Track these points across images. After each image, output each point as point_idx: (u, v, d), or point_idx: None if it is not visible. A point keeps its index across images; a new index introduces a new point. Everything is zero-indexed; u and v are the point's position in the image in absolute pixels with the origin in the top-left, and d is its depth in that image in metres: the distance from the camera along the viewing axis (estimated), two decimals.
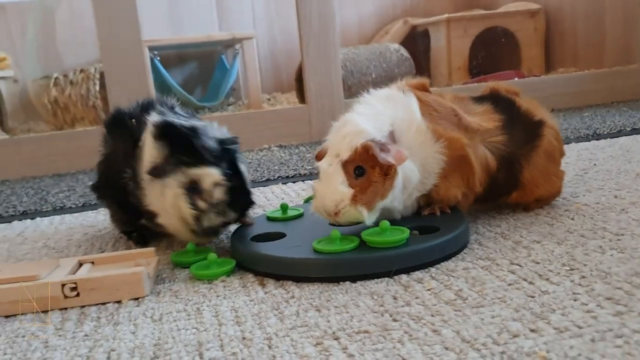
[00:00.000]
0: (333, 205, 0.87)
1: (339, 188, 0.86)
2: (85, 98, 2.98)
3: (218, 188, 0.93)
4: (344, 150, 0.87)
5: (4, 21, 3.38)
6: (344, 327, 0.69)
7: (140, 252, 0.97)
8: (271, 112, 2.44)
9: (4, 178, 2.20)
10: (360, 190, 0.86)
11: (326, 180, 0.88)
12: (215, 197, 0.93)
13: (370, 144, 0.86)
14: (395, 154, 0.86)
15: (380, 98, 0.97)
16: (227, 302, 0.81)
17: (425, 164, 0.93)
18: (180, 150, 0.94)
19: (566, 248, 0.88)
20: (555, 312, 0.67)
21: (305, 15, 2.29)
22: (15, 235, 1.33)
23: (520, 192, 1.06)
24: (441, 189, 0.96)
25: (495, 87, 1.12)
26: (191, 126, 0.96)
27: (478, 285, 0.78)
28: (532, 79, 2.75)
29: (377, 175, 0.87)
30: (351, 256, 0.84)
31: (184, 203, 0.94)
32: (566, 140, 1.82)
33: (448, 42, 3.16)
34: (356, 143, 0.86)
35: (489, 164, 1.00)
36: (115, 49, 2.23)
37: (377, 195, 0.87)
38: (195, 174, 0.93)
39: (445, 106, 0.99)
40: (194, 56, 3.67)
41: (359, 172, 0.87)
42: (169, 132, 0.95)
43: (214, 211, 0.94)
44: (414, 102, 0.96)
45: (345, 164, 0.87)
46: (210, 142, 0.95)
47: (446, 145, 0.93)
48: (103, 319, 0.80)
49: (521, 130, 1.04)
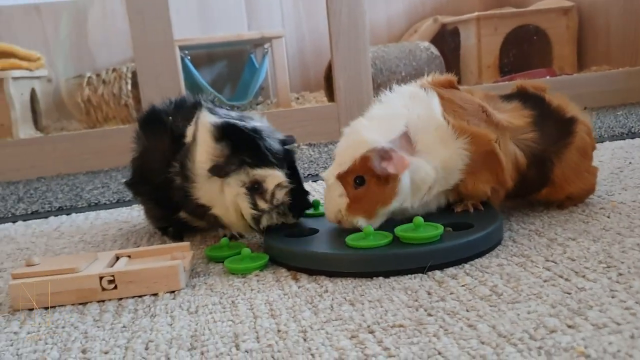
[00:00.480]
0: (333, 215, 0.92)
1: (336, 200, 0.91)
2: (117, 97, 3.03)
3: (281, 190, 0.95)
4: (345, 162, 0.90)
5: (39, 21, 3.45)
6: (378, 321, 0.70)
7: (176, 246, 0.98)
8: (300, 110, 2.44)
9: (40, 175, 2.25)
10: (355, 200, 0.90)
11: (328, 190, 0.93)
12: (278, 198, 0.95)
13: (369, 156, 0.88)
14: (397, 162, 0.88)
15: (402, 96, 0.98)
16: (261, 295, 0.82)
17: (448, 160, 0.93)
18: (243, 150, 0.96)
19: (602, 245, 0.87)
20: (593, 309, 0.67)
21: (335, 11, 2.29)
22: (52, 230, 1.36)
23: (550, 188, 1.05)
24: (468, 184, 0.96)
25: (523, 85, 1.11)
26: (253, 128, 0.98)
27: (513, 281, 0.77)
28: (565, 77, 2.71)
29: (375, 184, 0.89)
30: (384, 252, 0.85)
31: (245, 202, 0.96)
32: (600, 138, 1.79)
33: (478, 40, 3.13)
34: (357, 154, 0.89)
35: (519, 161, 0.99)
36: (147, 48, 2.26)
37: (377, 202, 0.90)
38: (259, 174, 0.95)
39: (472, 103, 0.99)
40: (224, 55, 3.70)
41: (359, 181, 0.89)
42: (232, 132, 0.97)
43: (275, 212, 0.96)
44: (435, 99, 0.96)
45: (345, 174, 0.90)
46: (274, 144, 0.97)
47: (470, 140, 0.93)
48: (140, 310, 0.81)
49: (552, 127, 1.03)
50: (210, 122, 0.99)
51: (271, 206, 0.95)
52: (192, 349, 0.68)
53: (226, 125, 0.98)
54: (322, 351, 0.64)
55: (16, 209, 1.61)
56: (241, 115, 1.05)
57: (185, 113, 1.06)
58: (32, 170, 2.25)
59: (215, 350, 0.67)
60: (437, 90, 0.98)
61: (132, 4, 2.21)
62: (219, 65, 3.72)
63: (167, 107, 1.13)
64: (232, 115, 1.03)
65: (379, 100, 0.99)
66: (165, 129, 1.07)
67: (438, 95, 0.97)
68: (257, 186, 0.95)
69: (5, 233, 1.38)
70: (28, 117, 3.04)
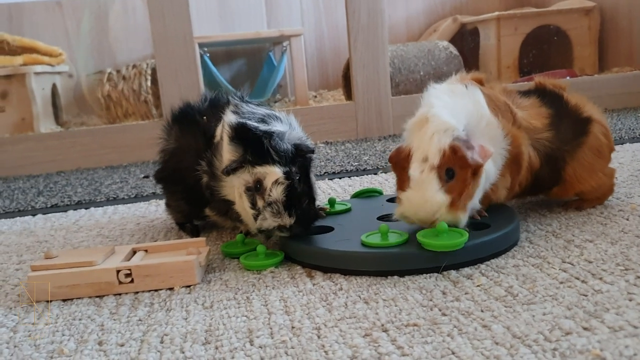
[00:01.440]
0: (430, 214, 0.84)
1: (436, 197, 0.83)
2: (137, 93, 3.05)
3: (277, 186, 0.91)
4: (433, 153, 0.83)
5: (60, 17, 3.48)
6: (392, 320, 0.70)
7: (192, 241, 0.99)
8: (318, 108, 2.44)
9: (60, 169, 2.27)
10: (457, 195, 0.83)
11: (419, 188, 0.84)
12: (272, 195, 0.91)
13: (458, 145, 0.82)
14: (481, 151, 0.83)
15: (446, 91, 0.93)
16: (276, 292, 0.82)
17: (494, 159, 0.90)
18: (252, 150, 0.93)
19: (620, 248, 0.86)
20: (610, 311, 0.66)
21: (354, 10, 2.29)
22: (70, 224, 1.38)
23: (561, 187, 1.04)
24: (499, 187, 0.93)
25: (542, 82, 1.09)
26: (267, 130, 0.95)
27: (529, 282, 0.77)
28: (586, 78, 2.68)
29: (468, 176, 0.83)
30: (400, 251, 0.84)
31: (246, 202, 0.94)
32: (621, 140, 1.77)
33: (498, 41, 3.10)
34: (444, 144, 0.83)
35: (532, 162, 0.97)
36: (167, 45, 2.28)
37: (469, 196, 0.84)
38: (260, 172, 0.92)
39: (501, 101, 0.97)
40: (243, 53, 3.71)
41: (450, 174, 0.83)
42: (243, 133, 0.95)
43: (269, 211, 0.91)
44: (480, 95, 0.93)
45: (438, 168, 0.83)
46: (281, 143, 0.93)
47: (510, 142, 0.91)
48: (156, 304, 0.82)
49: (568, 126, 1.02)
50: (229, 122, 0.98)
51: (265, 204, 0.91)
52: (206, 344, 0.68)
53: (238, 126, 0.97)
54: (335, 348, 0.64)
55: (36, 202, 1.63)
56: (267, 113, 1.02)
57: (218, 112, 1.05)
58: (52, 164, 2.28)
59: (230, 345, 0.67)
60: (477, 86, 0.95)
61: (152, 1, 2.23)
62: (238, 62, 3.73)
63: (201, 106, 1.13)
64: (256, 114, 1.01)
65: (428, 94, 0.93)
66: (200, 128, 1.07)
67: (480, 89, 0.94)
68: (259, 185, 0.92)
69: (25, 226, 1.39)
70: (49, 112, 3.07)
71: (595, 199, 1.08)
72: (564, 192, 1.05)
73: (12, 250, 1.17)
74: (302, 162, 0.95)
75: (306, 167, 0.96)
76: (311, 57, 3.73)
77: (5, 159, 2.27)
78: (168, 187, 1.21)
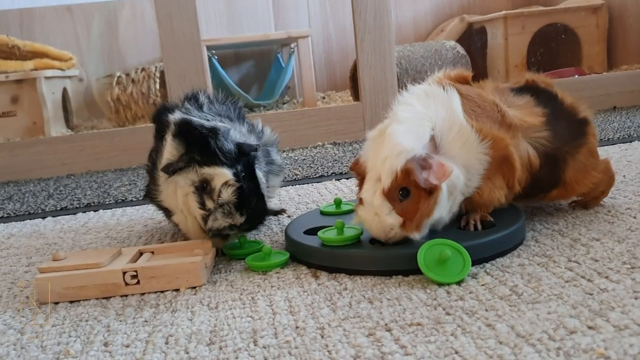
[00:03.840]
0: (383, 234, 0.85)
1: (387, 221, 0.83)
2: (146, 96, 3.07)
3: (227, 188, 0.91)
4: (385, 176, 0.83)
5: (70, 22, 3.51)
6: (396, 319, 0.70)
7: (199, 242, 0.99)
8: (325, 109, 2.45)
9: (70, 172, 2.29)
10: (408, 217, 0.83)
11: (371, 210, 0.85)
12: (223, 197, 0.91)
13: (411, 168, 0.81)
14: (438, 171, 0.81)
15: (420, 96, 0.92)
16: (281, 292, 0.83)
17: (469, 165, 0.88)
18: (196, 149, 0.93)
19: (627, 246, 0.86)
20: (615, 310, 0.66)
21: (361, 10, 2.29)
22: (79, 226, 1.39)
23: (560, 189, 1.01)
24: (484, 191, 0.90)
25: (533, 79, 1.07)
26: (211, 127, 0.94)
27: (534, 281, 0.77)
28: (594, 76, 2.67)
29: (422, 196, 0.83)
30: (404, 251, 0.84)
31: (193, 202, 0.93)
32: (629, 138, 1.76)
33: (505, 39, 3.09)
34: (396, 167, 0.82)
35: (532, 162, 0.95)
36: (175, 48, 2.29)
37: (424, 215, 0.83)
38: (207, 172, 0.92)
39: (487, 100, 0.95)
40: (251, 55, 3.72)
41: (404, 193, 0.83)
42: (187, 130, 0.94)
43: (220, 212, 0.91)
44: (455, 98, 0.91)
45: (389, 191, 0.83)
46: (226, 144, 0.93)
47: (491, 144, 0.88)
48: (162, 305, 0.82)
49: (565, 126, 1.00)
50: (172, 120, 0.96)
51: (216, 205, 0.91)
52: (210, 344, 0.69)
53: (182, 121, 0.95)
54: (338, 348, 0.64)
55: (46, 205, 1.64)
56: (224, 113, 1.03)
57: None
58: (63, 167, 2.30)
59: (234, 346, 0.67)
60: (455, 87, 0.93)
61: (160, 5, 2.24)
62: (246, 64, 3.74)
63: (175, 104, 1.10)
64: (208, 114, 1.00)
65: (398, 101, 0.93)
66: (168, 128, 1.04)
67: (457, 92, 0.92)
68: (206, 185, 0.92)
69: (34, 228, 1.41)
70: (60, 116, 3.10)
71: (600, 195, 1.07)
72: (564, 194, 1.03)
73: (22, 253, 1.18)
74: (246, 160, 0.95)
75: (251, 164, 0.96)
76: (319, 59, 3.74)
77: (16, 163, 2.29)
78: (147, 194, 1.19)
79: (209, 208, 0.92)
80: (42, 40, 3.34)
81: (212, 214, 0.92)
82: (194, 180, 0.93)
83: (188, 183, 0.94)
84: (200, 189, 0.93)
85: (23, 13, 3.46)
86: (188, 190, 0.94)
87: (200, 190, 0.93)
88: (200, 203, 0.93)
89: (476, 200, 0.92)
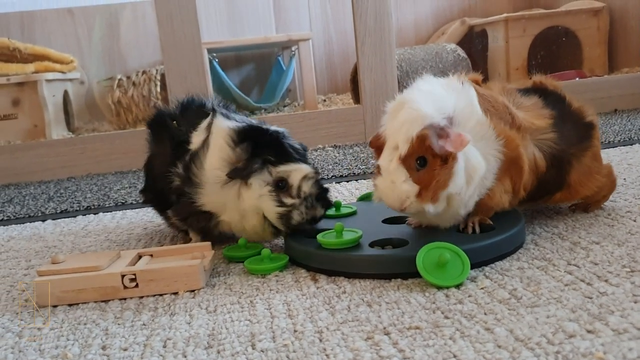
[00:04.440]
0: (398, 203, 0.84)
1: (403, 187, 0.82)
2: (146, 99, 3.07)
3: (308, 181, 0.95)
4: (402, 143, 0.82)
5: (72, 25, 3.52)
6: (394, 323, 0.69)
7: (197, 246, 0.99)
8: (326, 112, 2.45)
9: (70, 175, 2.29)
10: (424, 185, 0.82)
11: (388, 177, 0.84)
12: (305, 191, 0.95)
13: (427, 133, 0.81)
14: (455, 139, 0.80)
15: (441, 83, 0.91)
16: (279, 296, 0.82)
17: (487, 162, 0.87)
18: (266, 151, 0.96)
19: (627, 250, 0.85)
20: (614, 314, 0.65)
21: (361, 13, 2.29)
22: (79, 229, 1.38)
23: (564, 192, 1.01)
24: (496, 193, 0.89)
25: (542, 80, 1.07)
26: (275, 130, 1.00)
27: (533, 285, 0.76)
28: (596, 79, 2.66)
29: (438, 165, 0.82)
30: (403, 254, 0.84)
31: (270, 202, 0.95)
32: (630, 141, 1.76)
33: (506, 42, 3.09)
34: (412, 133, 0.81)
35: (538, 164, 0.94)
36: (176, 51, 2.29)
37: (440, 185, 0.82)
38: (283, 171, 0.95)
39: (499, 102, 0.95)
40: (251, 58, 3.72)
41: (422, 162, 0.82)
42: (254, 134, 0.98)
43: (304, 205, 0.95)
44: (473, 94, 0.90)
45: (406, 158, 0.82)
46: (296, 143, 0.99)
47: (504, 144, 0.87)
48: (160, 309, 0.82)
49: (572, 129, 1.00)
50: (228, 127, 0.99)
51: (299, 200, 0.95)
52: (208, 348, 0.68)
53: (248, 127, 0.99)
54: (337, 352, 0.64)
55: (46, 208, 1.64)
56: (260, 122, 1.06)
57: (191, 116, 1.06)
58: (63, 170, 2.30)
59: (232, 349, 0.67)
60: (473, 85, 0.93)
61: (161, 8, 2.25)
62: (247, 67, 3.74)
63: (173, 111, 1.12)
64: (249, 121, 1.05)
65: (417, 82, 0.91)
66: (169, 134, 1.07)
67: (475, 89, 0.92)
68: (282, 184, 0.95)
69: (35, 231, 1.41)
70: (61, 119, 3.10)
71: (601, 199, 1.07)
72: (568, 197, 1.03)
73: (21, 256, 1.18)
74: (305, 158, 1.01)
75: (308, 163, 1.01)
76: (320, 62, 3.74)
77: (17, 165, 2.29)
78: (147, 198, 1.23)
79: (290, 204, 0.94)
80: (43, 42, 3.35)
81: (296, 208, 0.95)
82: (267, 180, 0.96)
83: (262, 185, 0.96)
84: (276, 187, 0.95)
85: (24, 16, 3.46)
86: (262, 191, 0.96)
87: (277, 189, 0.95)
88: (278, 201, 0.95)
89: (485, 202, 0.90)
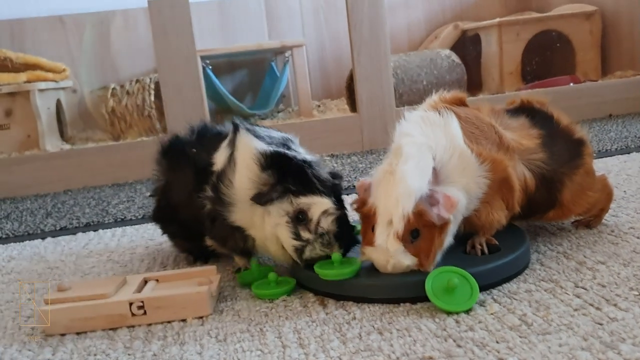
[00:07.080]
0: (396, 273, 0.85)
1: (403, 262, 0.84)
2: (140, 108, 3.06)
3: (327, 217, 0.89)
4: (398, 220, 0.82)
5: (63, 33, 3.50)
6: (407, 352, 0.70)
7: (203, 270, 0.99)
8: (323, 121, 2.45)
9: (67, 188, 2.28)
10: (424, 254, 0.83)
11: (385, 253, 0.84)
12: (323, 227, 0.89)
13: (423, 209, 0.82)
14: (446, 203, 0.82)
15: (418, 124, 0.91)
16: (289, 323, 0.82)
17: (468, 189, 0.88)
18: (290, 179, 0.91)
19: (633, 270, 0.86)
20: (626, 342, 0.66)
21: (356, 24, 2.30)
22: (80, 248, 1.38)
23: (557, 211, 1.01)
24: (482, 213, 0.90)
25: (527, 99, 1.07)
26: (303, 159, 0.94)
27: (542, 309, 0.77)
28: (590, 84, 2.68)
29: (433, 232, 0.83)
30: (412, 279, 0.84)
31: (286, 233, 0.90)
32: (626, 149, 1.77)
33: (500, 47, 3.10)
34: (408, 210, 0.82)
35: (527, 184, 0.94)
36: (170, 60, 2.29)
37: (437, 249, 0.84)
38: (304, 203, 0.90)
39: (485, 122, 0.95)
40: (245, 64, 3.72)
41: (415, 234, 0.83)
42: (279, 161, 0.93)
43: (319, 242, 0.90)
44: (454, 124, 0.90)
45: (403, 234, 0.83)
46: (322, 173, 0.93)
47: (490, 167, 0.88)
48: (169, 338, 0.82)
49: (561, 147, 1.00)
50: (256, 148, 0.94)
51: (315, 236, 0.89)
52: None
53: (275, 154, 0.94)
54: None
55: (45, 225, 1.63)
56: (283, 137, 1.01)
57: (208, 143, 1.04)
58: (60, 183, 2.29)
59: None
60: (453, 110, 0.93)
61: (155, 16, 2.24)
62: (240, 74, 3.74)
63: (189, 138, 1.10)
64: (274, 137, 0.99)
65: (398, 132, 0.93)
66: (189, 162, 1.05)
67: (455, 115, 0.92)
68: (302, 216, 0.90)
69: (35, 251, 1.40)
70: (54, 128, 3.08)
71: (600, 212, 1.08)
72: (561, 216, 1.03)
73: (24, 278, 1.18)
74: (337, 191, 0.95)
75: (339, 193, 0.96)
76: (314, 67, 3.74)
77: (12, 180, 2.28)
78: (166, 228, 1.20)
79: (306, 239, 0.90)
80: (34, 51, 3.32)
81: (310, 244, 0.90)
82: (287, 210, 0.91)
83: (281, 214, 0.91)
84: (295, 219, 0.90)
85: (14, 24, 3.44)
86: (280, 220, 0.91)
87: (295, 221, 0.90)
88: (294, 234, 0.90)
89: (475, 222, 0.92)
